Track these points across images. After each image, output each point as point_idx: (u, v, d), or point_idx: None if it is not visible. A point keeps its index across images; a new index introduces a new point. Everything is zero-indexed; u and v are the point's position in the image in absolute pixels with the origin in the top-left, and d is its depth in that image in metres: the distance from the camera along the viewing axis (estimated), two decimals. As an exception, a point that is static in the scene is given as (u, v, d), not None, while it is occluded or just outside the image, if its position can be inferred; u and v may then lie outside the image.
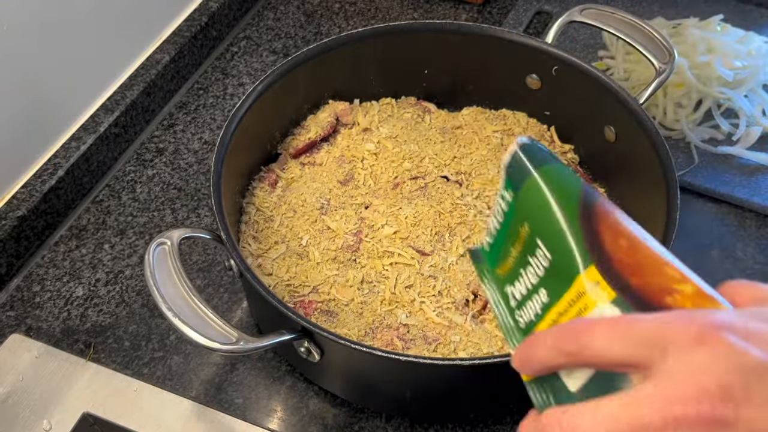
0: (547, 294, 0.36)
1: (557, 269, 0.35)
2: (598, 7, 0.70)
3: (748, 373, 0.25)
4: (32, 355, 0.63)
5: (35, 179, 0.72)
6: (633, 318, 0.29)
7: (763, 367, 0.25)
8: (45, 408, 0.59)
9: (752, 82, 0.78)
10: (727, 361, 0.26)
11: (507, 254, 0.39)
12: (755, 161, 0.75)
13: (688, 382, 0.26)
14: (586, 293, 0.33)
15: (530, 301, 0.37)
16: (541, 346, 0.31)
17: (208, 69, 0.89)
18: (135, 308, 0.66)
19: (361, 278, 0.61)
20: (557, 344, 0.30)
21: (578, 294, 0.33)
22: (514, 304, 0.38)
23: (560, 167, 0.38)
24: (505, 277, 0.40)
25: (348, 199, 0.67)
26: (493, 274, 0.41)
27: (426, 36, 0.72)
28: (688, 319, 0.27)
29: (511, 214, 0.39)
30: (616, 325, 0.28)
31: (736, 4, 0.92)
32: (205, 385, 0.61)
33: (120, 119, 0.79)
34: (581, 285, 0.33)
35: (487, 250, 0.41)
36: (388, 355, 0.48)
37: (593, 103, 0.67)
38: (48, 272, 0.69)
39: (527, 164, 0.37)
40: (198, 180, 0.77)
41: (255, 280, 0.52)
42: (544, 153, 0.39)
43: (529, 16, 0.92)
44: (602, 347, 0.28)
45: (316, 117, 0.73)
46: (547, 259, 0.36)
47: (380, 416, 0.59)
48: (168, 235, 0.52)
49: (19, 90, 0.70)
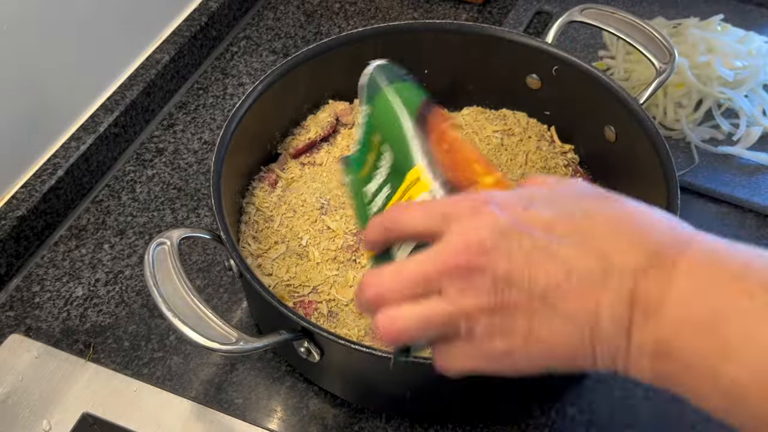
0: (390, 188, 0.44)
1: (397, 168, 0.43)
2: (598, 7, 0.70)
3: (499, 233, 0.34)
4: (32, 356, 0.63)
5: (35, 179, 0.72)
6: (434, 200, 0.40)
7: (510, 229, 0.34)
8: (45, 408, 0.59)
9: (752, 82, 0.77)
10: (486, 226, 0.34)
11: (365, 160, 0.47)
12: (755, 161, 0.75)
13: (458, 241, 0.34)
14: (413, 185, 0.41)
15: (378, 196, 0.45)
16: (372, 226, 0.40)
17: (207, 69, 0.89)
18: (135, 308, 0.66)
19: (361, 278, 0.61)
20: (381, 222, 0.39)
21: (408, 186, 0.42)
22: (367, 200, 0.46)
23: (408, 84, 0.46)
24: (364, 179, 0.47)
25: (348, 199, 0.67)
26: (356, 177, 0.49)
27: (426, 36, 0.72)
28: (470, 198, 0.36)
29: (369, 125, 0.47)
30: (423, 204, 0.38)
31: (736, 4, 0.92)
32: (204, 385, 0.61)
33: (120, 119, 0.79)
34: (410, 178, 0.42)
35: (355, 156, 0.49)
36: (388, 356, 0.48)
37: (593, 103, 0.67)
38: (47, 272, 0.69)
39: (380, 81, 0.45)
40: (198, 180, 0.77)
41: (255, 280, 0.52)
42: (395, 72, 0.47)
43: (529, 16, 0.92)
44: (410, 221, 0.37)
45: (316, 117, 0.73)
46: (392, 159, 0.44)
47: (380, 416, 0.59)
48: (168, 235, 0.52)
49: (19, 90, 0.69)
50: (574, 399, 0.60)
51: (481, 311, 0.34)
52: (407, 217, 0.37)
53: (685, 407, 0.59)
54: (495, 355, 0.35)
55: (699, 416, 0.59)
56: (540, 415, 0.59)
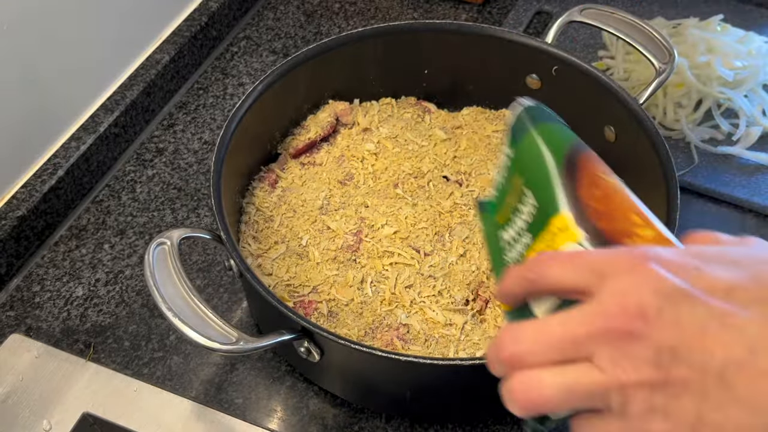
0: (531, 236, 0.40)
1: (540, 214, 0.39)
2: (598, 7, 0.70)
3: (664, 297, 0.29)
4: (32, 355, 0.63)
5: (35, 179, 0.72)
6: (587, 251, 0.34)
7: (678, 293, 0.29)
8: (45, 408, 0.59)
9: (752, 82, 0.77)
10: (648, 286, 0.29)
11: (505, 204, 0.44)
12: (755, 161, 0.75)
13: (614, 303, 0.30)
14: (558, 234, 0.37)
15: (517, 244, 0.41)
16: (511, 276, 0.35)
17: (207, 69, 0.89)
18: (135, 308, 0.66)
19: (361, 278, 0.61)
20: (522, 273, 0.34)
21: (552, 235, 0.37)
22: (504, 248, 0.43)
23: (558, 126, 0.43)
24: (501, 225, 0.44)
25: (348, 199, 0.67)
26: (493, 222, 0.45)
27: (426, 36, 0.72)
28: (628, 252, 0.32)
29: (512, 168, 0.43)
30: (572, 256, 0.33)
31: (736, 4, 0.92)
32: (205, 385, 0.61)
33: (120, 119, 0.79)
34: (555, 226, 0.37)
35: (493, 202, 0.46)
36: (388, 355, 0.48)
37: (593, 103, 0.67)
38: (48, 272, 0.69)
39: (527, 122, 0.42)
40: (198, 180, 0.77)
41: (255, 280, 0.52)
42: (544, 113, 0.44)
43: (529, 16, 0.92)
44: (557, 274, 0.32)
45: (316, 117, 0.73)
46: (534, 206, 0.40)
47: (380, 416, 0.59)
48: (168, 235, 0.52)
49: (19, 90, 0.69)
50: (573, 399, 0.60)
51: (641, 386, 0.29)
52: (553, 268, 0.33)
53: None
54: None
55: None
56: (540, 415, 0.59)
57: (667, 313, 0.29)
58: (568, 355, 0.31)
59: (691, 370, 0.29)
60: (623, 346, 0.29)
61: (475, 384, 0.55)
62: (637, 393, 0.30)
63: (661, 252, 0.31)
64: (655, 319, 0.29)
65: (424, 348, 0.57)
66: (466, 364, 0.49)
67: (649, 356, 0.29)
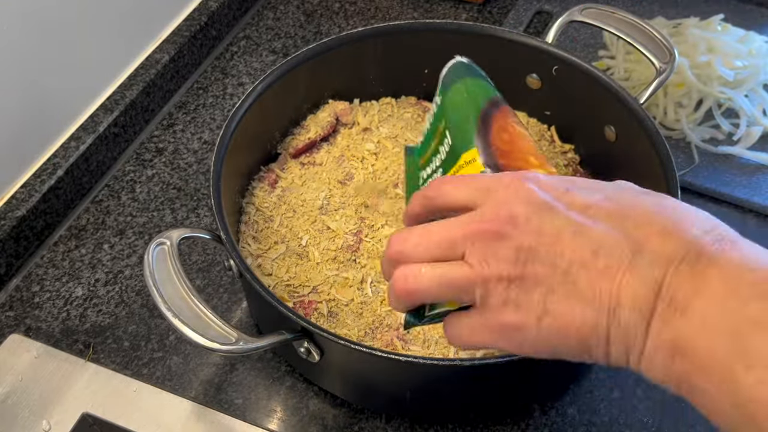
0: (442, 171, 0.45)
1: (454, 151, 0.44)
2: (598, 7, 0.70)
3: (533, 208, 0.34)
4: (31, 356, 0.62)
5: (34, 179, 0.72)
6: (479, 174, 0.41)
7: (545, 206, 0.34)
8: (44, 408, 0.59)
9: (753, 81, 0.77)
10: (521, 199, 0.35)
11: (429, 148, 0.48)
12: (756, 161, 0.75)
13: (490, 211, 0.35)
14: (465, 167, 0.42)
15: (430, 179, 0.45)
16: (414, 198, 0.40)
17: (207, 69, 0.89)
18: (134, 308, 0.66)
19: (361, 278, 0.61)
20: (423, 193, 0.39)
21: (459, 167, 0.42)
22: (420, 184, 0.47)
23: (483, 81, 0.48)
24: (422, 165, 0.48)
25: (348, 199, 0.67)
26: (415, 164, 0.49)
27: (426, 35, 0.72)
28: (511, 174, 0.37)
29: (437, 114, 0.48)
30: (465, 178, 0.38)
31: (736, 3, 0.92)
32: (204, 385, 0.61)
33: (119, 119, 0.79)
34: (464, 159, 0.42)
35: (418, 147, 0.50)
36: (388, 356, 0.48)
37: (593, 103, 0.67)
38: (47, 272, 0.69)
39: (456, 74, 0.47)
40: (197, 180, 0.77)
41: (254, 280, 0.51)
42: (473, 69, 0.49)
43: (529, 15, 0.92)
44: (452, 192, 0.37)
45: (315, 117, 0.73)
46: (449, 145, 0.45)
47: (380, 417, 0.59)
48: (167, 235, 0.52)
49: (19, 90, 0.69)
50: (573, 399, 0.60)
51: (499, 280, 0.34)
52: (449, 187, 0.37)
53: (685, 407, 0.59)
54: (505, 328, 0.35)
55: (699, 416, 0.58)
56: (540, 415, 0.59)
57: (533, 221, 0.34)
58: (445, 254, 0.35)
59: (543, 267, 0.33)
60: (491, 246, 0.34)
61: (476, 384, 0.55)
62: (496, 287, 0.34)
63: (539, 175, 0.37)
64: (523, 225, 0.34)
65: (424, 348, 0.57)
66: (466, 364, 0.48)
67: (510, 255, 0.34)
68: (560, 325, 0.34)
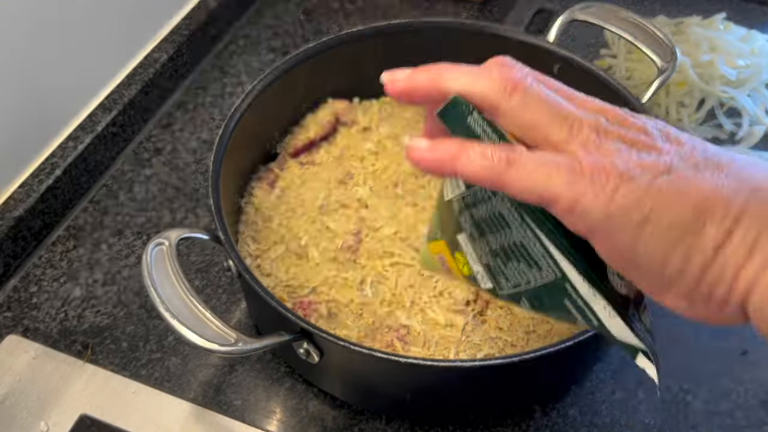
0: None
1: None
2: (599, 5, 0.70)
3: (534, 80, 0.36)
4: (29, 357, 0.62)
5: (32, 179, 0.71)
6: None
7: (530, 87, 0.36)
8: (42, 409, 0.59)
9: (755, 80, 0.77)
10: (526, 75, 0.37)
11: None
12: (758, 160, 0.75)
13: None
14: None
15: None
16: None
17: (206, 68, 0.89)
18: (133, 309, 0.66)
19: (361, 279, 0.61)
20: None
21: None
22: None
23: None
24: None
25: (348, 199, 0.67)
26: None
27: (426, 34, 0.72)
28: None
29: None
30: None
31: (738, 2, 0.92)
32: (203, 386, 0.61)
33: (118, 118, 0.78)
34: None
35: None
36: (388, 357, 0.48)
37: (595, 102, 0.67)
38: (45, 273, 0.69)
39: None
40: (196, 180, 0.77)
41: (254, 280, 0.51)
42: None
43: (530, 14, 0.91)
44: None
45: (315, 116, 0.73)
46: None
47: (380, 418, 0.59)
48: (166, 236, 0.52)
49: (16, 89, 0.69)
50: (575, 400, 0.60)
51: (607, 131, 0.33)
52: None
53: (685, 407, 0.59)
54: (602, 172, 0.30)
55: (701, 417, 0.58)
56: (541, 417, 0.59)
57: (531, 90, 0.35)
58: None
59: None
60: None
61: (476, 385, 0.55)
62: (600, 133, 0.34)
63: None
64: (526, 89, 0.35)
65: (424, 349, 0.57)
66: (466, 365, 0.48)
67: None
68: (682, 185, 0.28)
